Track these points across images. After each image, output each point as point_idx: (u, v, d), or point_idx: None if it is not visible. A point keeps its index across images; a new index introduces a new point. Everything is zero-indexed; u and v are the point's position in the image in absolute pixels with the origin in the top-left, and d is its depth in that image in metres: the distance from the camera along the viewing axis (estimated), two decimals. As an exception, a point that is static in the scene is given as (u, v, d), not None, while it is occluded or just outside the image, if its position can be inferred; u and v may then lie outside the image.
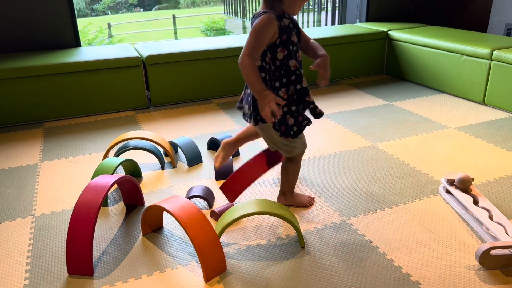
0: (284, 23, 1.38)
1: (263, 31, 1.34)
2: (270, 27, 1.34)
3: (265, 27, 1.34)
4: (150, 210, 1.43)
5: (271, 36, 1.36)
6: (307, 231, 1.50)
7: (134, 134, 1.97)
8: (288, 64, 1.41)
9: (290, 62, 1.41)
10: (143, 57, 2.75)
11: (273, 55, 1.39)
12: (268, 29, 1.34)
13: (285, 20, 1.39)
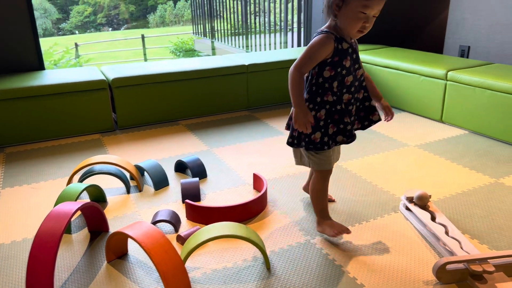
0: (343, 46, 1.39)
1: (318, 50, 1.37)
2: (326, 48, 1.37)
3: (321, 48, 1.37)
4: (114, 237, 1.42)
5: (324, 56, 1.39)
6: (273, 251, 1.52)
7: (99, 159, 1.95)
8: (332, 84, 1.42)
9: (334, 83, 1.43)
10: (109, 80, 2.74)
11: (320, 71, 1.42)
12: (323, 50, 1.37)
13: (345, 44, 1.40)
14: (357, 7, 1.32)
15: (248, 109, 3.23)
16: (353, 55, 1.42)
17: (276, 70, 3.25)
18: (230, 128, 2.81)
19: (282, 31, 6.17)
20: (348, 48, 1.40)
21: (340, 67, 1.40)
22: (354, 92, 1.47)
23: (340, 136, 1.47)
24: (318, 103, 1.44)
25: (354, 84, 1.46)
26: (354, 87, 1.47)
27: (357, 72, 1.45)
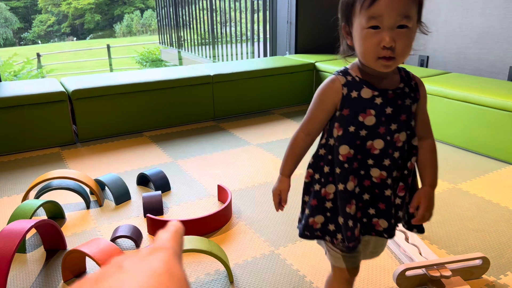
0: (361, 94, 0.91)
1: (316, 102, 0.97)
2: (327, 96, 0.95)
3: (321, 97, 0.96)
4: (70, 255, 1.36)
5: (329, 108, 0.95)
6: (237, 264, 1.50)
7: (57, 173, 1.89)
8: (338, 149, 0.94)
9: (341, 149, 0.94)
10: (69, 92, 2.67)
11: (331, 128, 0.97)
12: (324, 99, 0.95)
13: (366, 91, 0.91)
14: (362, 22, 0.86)
15: (214, 119, 3.21)
16: (385, 108, 0.91)
17: (242, 80, 3.26)
18: (195, 139, 2.79)
19: (249, 41, 6.22)
20: (374, 97, 0.91)
21: (353, 124, 0.92)
22: (391, 168, 0.95)
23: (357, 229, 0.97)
24: (324, 174, 0.99)
25: (388, 153, 0.93)
26: (392, 160, 0.94)
27: (395, 137, 0.93)
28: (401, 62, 0.87)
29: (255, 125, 3.07)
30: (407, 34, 0.83)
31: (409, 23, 0.82)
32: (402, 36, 0.83)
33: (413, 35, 0.85)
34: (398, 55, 0.84)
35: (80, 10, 22.45)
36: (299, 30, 3.94)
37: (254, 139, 2.77)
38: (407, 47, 0.84)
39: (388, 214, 0.97)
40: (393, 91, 0.92)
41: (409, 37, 0.83)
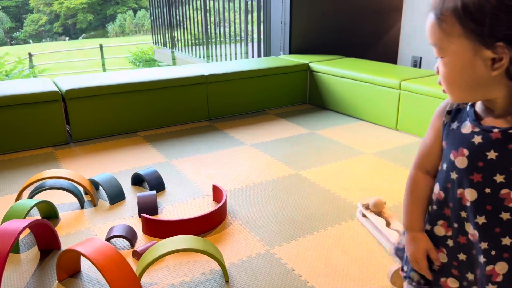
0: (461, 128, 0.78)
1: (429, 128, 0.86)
2: (435, 116, 0.84)
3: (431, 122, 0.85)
4: (65, 255, 1.36)
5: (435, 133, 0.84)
6: (232, 263, 1.51)
7: (50, 173, 1.88)
8: (434, 186, 0.84)
9: (435, 186, 0.83)
10: (62, 91, 2.65)
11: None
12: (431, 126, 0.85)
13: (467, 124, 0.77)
14: None
15: (209, 119, 3.21)
16: (485, 151, 0.74)
17: (236, 80, 3.26)
18: (189, 139, 2.78)
19: (242, 42, 6.22)
20: (473, 134, 0.75)
21: (446, 162, 0.80)
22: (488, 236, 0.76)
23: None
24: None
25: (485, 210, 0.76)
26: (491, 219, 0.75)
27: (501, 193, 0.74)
28: (453, 95, 0.75)
29: (250, 125, 3.07)
30: (444, 63, 0.73)
31: (440, 54, 0.72)
32: (441, 66, 0.74)
33: (466, 66, 0.70)
34: (442, 84, 0.76)
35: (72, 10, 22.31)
36: (293, 31, 3.95)
37: (248, 139, 2.77)
38: (444, 77, 0.74)
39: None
40: (503, 130, 0.72)
41: (446, 67, 0.73)
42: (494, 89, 0.70)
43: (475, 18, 0.65)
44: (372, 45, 4.47)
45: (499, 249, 0.75)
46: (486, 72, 0.68)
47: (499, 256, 0.76)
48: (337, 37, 4.20)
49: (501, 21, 0.63)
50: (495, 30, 0.64)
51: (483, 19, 0.64)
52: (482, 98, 0.74)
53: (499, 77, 0.68)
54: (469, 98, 0.75)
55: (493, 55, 0.66)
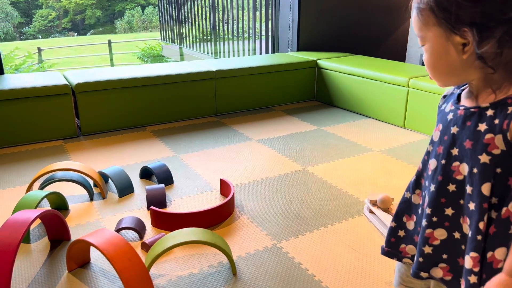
0: (446, 107, 0.85)
1: None
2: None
3: None
4: (75, 245, 1.37)
5: None
6: (239, 257, 1.52)
7: (60, 165, 1.90)
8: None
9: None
10: (72, 85, 2.68)
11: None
12: None
13: (450, 104, 0.84)
14: None
15: (216, 115, 3.22)
16: (451, 126, 0.80)
17: (244, 76, 3.26)
18: (197, 134, 2.80)
19: (250, 38, 6.22)
20: (450, 112, 0.83)
21: (431, 143, 0.87)
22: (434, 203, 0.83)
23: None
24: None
25: (437, 179, 0.82)
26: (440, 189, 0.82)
27: (453, 165, 0.80)
28: (438, 78, 0.81)
29: (257, 121, 3.08)
30: (426, 50, 0.79)
31: (422, 42, 0.79)
32: (424, 53, 0.80)
33: (441, 52, 0.76)
34: (427, 70, 0.82)
35: (81, 6, 22.40)
36: (301, 28, 3.95)
37: (255, 134, 2.78)
38: (426, 63, 0.80)
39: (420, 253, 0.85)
40: (466, 108, 0.78)
41: (427, 53, 0.79)
42: (469, 72, 0.76)
43: (444, 7, 0.72)
44: (381, 43, 4.45)
45: (441, 217, 0.82)
46: (459, 57, 0.74)
47: (440, 224, 0.82)
48: (345, 34, 4.19)
49: (464, 8, 0.70)
50: (460, 17, 0.71)
51: (450, 7, 0.71)
52: (463, 81, 0.80)
53: (470, 60, 0.74)
54: (451, 82, 0.81)
55: (462, 40, 0.72)
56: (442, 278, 0.86)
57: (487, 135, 0.73)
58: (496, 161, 0.73)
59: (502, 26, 0.69)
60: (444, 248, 0.84)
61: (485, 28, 0.70)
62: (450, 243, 0.83)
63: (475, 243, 0.76)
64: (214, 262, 1.48)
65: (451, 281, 0.85)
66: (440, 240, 0.83)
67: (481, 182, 0.75)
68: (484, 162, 0.74)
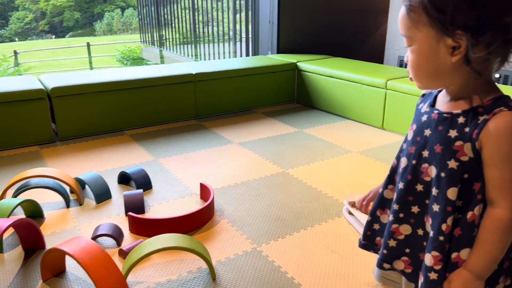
0: (422, 107, 0.88)
1: None
2: None
3: None
4: (49, 254, 1.34)
5: None
6: (219, 261, 1.51)
7: (35, 172, 1.85)
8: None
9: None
10: (48, 89, 2.62)
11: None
12: None
13: (426, 105, 0.87)
14: None
15: (196, 118, 3.20)
16: (425, 128, 0.83)
17: (224, 79, 3.26)
18: (177, 137, 2.78)
19: (231, 41, 6.22)
20: (424, 113, 0.85)
21: (405, 141, 0.91)
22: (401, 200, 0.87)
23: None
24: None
25: (406, 178, 0.86)
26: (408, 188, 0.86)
27: (422, 166, 0.82)
28: (421, 80, 0.80)
29: (237, 124, 3.08)
30: (412, 50, 0.78)
31: (409, 42, 0.78)
32: (410, 54, 0.79)
33: (430, 53, 0.75)
34: (410, 72, 0.81)
35: (59, 8, 22.03)
36: (281, 30, 3.96)
37: (236, 137, 2.77)
38: (412, 64, 0.79)
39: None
40: (440, 113, 0.79)
41: (414, 54, 0.78)
42: (454, 76, 0.76)
43: (439, 7, 0.70)
44: (359, 45, 4.50)
45: (408, 214, 0.86)
46: (448, 59, 0.74)
47: (406, 220, 0.87)
48: (324, 37, 4.22)
49: (461, 11, 0.68)
50: (455, 19, 0.69)
51: (446, 8, 0.69)
52: (444, 85, 0.80)
53: (458, 64, 0.73)
54: (433, 85, 0.81)
55: (453, 43, 0.72)
56: (403, 270, 0.90)
57: (457, 142, 0.75)
58: (464, 168, 0.75)
59: (495, 32, 0.69)
60: (407, 243, 0.88)
61: (479, 33, 0.69)
62: (413, 239, 0.87)
63: (436, 243, 0.79)
64: (193, 268, 1.47)
65: (411, 274, 0.89)
66: (405, 235, 0.88)
67: (447, 186, 0.77)
68: (452, 167, 0.76)
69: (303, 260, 1.51)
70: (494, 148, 0.72)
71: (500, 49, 0.71)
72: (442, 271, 0.79)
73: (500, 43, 0.69)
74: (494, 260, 0.75)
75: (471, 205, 0.76)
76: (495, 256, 0.75)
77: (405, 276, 0.91)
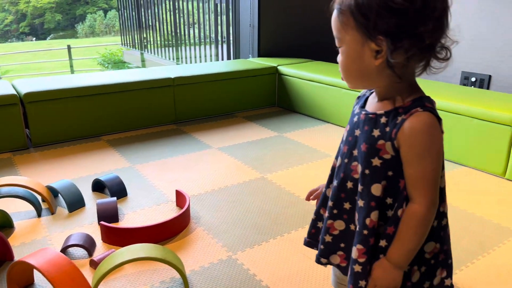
0: (355, 109, 0.92)
1: None
2: None
3: None
4: (15, 266, 1.30)
5: None
6: (193, 271, 1.48)
7: (5, 181, 1.80)
8: None
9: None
10: (21, 94, 2.56)
11: None
12: None
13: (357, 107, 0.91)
14: None
15: (176, 122, 3.17)
16: (355, 128, 0.87)
17: (204, 83, 3.23)
18: (155, 142, 2.74)
19: (213, 44, 6.19)
20: (356, 114, 0.89)
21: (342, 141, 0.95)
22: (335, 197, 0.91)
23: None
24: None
25: (339, 176, 0.90)
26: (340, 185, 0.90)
27: (352, 164, 0.87)
28: (350, 80, 0.84)
29: (217, 128, 3.05)
30: (342, 52, 0.83)
31: (339, 43, 0.83)
32: (340, 55, 0.84)
33: (355, 56, 0.80)
34: (340, 72, 0.85)
35: (40, 9, 21.65)
36: (261, 34, 3.95)
37: (215, 142, 2.75)
38: (341, 65, 0.84)
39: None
40: (367, 113, 0.84)
41: (343, 55, 0.83)
42: (378, 78, 0.80)
43: (364, 13, 0.75)
44: (340, 48, 4.52)
45: (341, 210, 0.90)
46: (372, 62, 0.78)
47: (340, 216, 0.91)
48: (305, 40, 4.23)
49: (382, 18, 0.73)
50: (377, 25, 0.74)
51: (370, 14, 0.74)
52: (371, 86, 0.85)
53: (381, 68, 0.78)
54: (361, 85, 0.85)
55: (377, 47, 0.76)
56: (339, 265, 0.95)
57: (380, 141, 0.80)
58: (387, 165, 0.80)
59: (412, 39, 0.73)
60: (342, 238, 0.92)
61: (397, 39, 0.74)
62: (347, 234, 0.91)
63: (361, 237, 0.84)
64: (166, 278, 1.44)
65: (345, 267, 0.94)
66: (339, 230, 0.92)
67: (371, 183, 0.82)
68: (376, 165, 0.81)
69: (278, 268, 1.50)
70: (409, 146, 0.77)
71: (417, 56, 0.76)
72: (366, 264, 0.84)
73: (417, 51, 0.74)
74: (411, 251, 0.80)
75: (399, 202, 0.81)
76: (411, 248, 0.80)
77: (340, 270, 0.96)
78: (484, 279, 1.45)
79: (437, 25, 0.74)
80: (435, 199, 0.79)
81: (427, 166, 0.77)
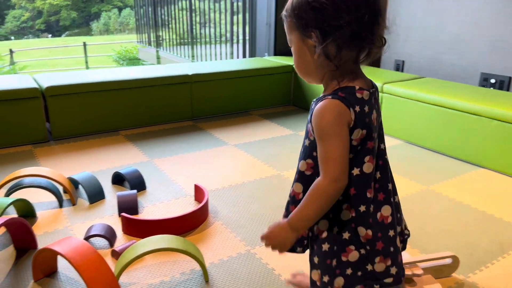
0: None
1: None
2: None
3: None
4: (41, 254, 1.33)
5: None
6: (212, 263, 1.50)
7: (28, 171, 1.84)
8: None
9: None
10: (42, 88, 2.60)
11: None
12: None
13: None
14: None
15: (192, 119, 3.20)
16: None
17: (221, 80, 3.25)
18: (172, 138, 2.76)
19: (228, 43, 6.21)
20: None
21: None
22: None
23: None
24: None
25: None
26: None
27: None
28: (302, 76, 0.96)
29: (233, 125, 3.07)
30: (292, 51, 0.94)
31: (290, 44, 0.94)
32: (293, 54, 0.95)
33: (300, 52, 0.91)
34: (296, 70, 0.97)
35: (56, 7, 21.94)
36: (278, 32, 3.96)
37: (231, 139, 2.77)
38: (294, 64, 0.96)
39: None
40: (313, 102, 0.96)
41: (293, 54, 0.94)
42: (320, 71, 0.92)
43: (298, 14, 0.87)
44: (356, 49, 4.51)
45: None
46: (312, 57, 0.90)
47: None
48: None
49: (310, 16, 0.85)
50: (308, 23, 0.86)
51: (303, 14, 0.86)
52: (317, 79, 0.95)
53: (320, 60, 0.88)
54: (312, 80, 0.96)
55: (313, 42, 0.87)
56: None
57: (309, 124, 0.94)
58: (313, 146, 0.93)
59: (338, 30, 0.83)
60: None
61: (325, 32, 0.85)
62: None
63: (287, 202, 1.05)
64: (186, 269, 1.46)
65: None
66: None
67: (300, 159, 0.98)
68: (306, 145, 0.96)
69: (297, 263, 1.50)
70: (313, 129, 0.90)
71: (347, 45, 0.85)
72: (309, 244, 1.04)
73: (345, 41, 0.84)
74: (308, 217, 0.92)
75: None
76: (308, 214, 0.91)
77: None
78: (504, 279, 1.45)
79: (357, 17, 0.82)
80: (337, 176, 0.87)
81: (326, 146, 0.87)
